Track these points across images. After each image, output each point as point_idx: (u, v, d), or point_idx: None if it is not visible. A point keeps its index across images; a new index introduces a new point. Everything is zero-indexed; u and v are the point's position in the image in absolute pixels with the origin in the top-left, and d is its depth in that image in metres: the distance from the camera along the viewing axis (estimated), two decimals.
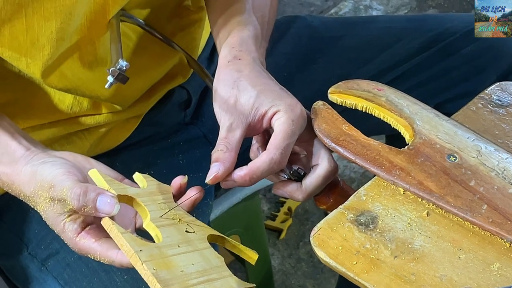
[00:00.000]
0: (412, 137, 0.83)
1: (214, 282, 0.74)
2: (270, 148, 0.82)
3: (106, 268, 0.91)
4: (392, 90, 0.89)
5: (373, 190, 0.80)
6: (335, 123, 0.85)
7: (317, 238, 0.76)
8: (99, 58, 0.93)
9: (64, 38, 0.86)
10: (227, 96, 0.84)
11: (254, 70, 0.87)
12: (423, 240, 0.75)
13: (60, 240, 0.94)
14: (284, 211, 1.87)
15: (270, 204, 1.91)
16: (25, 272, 0.97)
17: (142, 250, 0.73)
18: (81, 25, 0.87)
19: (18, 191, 0.83)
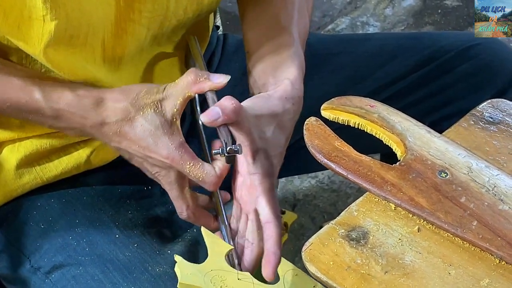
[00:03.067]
0: (404, 153, 0.84)
1: None
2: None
3: (112, 280, 0.91)
4: (384, 106, 0.89)
5: (365, 206, 0.81)
6: (327, 139, 0.86)
7: (308, 253, 0.76)
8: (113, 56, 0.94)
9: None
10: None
11: (287, 127, 0.94)
12: (414, 255, 0.75)
13: (63, 253, 0.95)
14: None
15: None
16: (27, 285, 0.98)
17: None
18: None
19: (106, 109, 0.88)
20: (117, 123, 0.87)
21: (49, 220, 0.98)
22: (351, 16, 2.68)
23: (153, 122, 0.86)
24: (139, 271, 0.92)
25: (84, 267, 0.93)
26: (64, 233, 0.96)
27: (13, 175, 0.98)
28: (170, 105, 0.87)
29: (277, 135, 0.90)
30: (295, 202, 1.95)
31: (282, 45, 0.98)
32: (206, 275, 0.87)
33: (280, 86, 0.93)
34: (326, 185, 1.99)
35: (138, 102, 0.87)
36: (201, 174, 0.87)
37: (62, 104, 0.88)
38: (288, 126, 0.92)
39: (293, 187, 1.99)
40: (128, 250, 0.94)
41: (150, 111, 0.86)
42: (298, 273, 0.90)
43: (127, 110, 0.87)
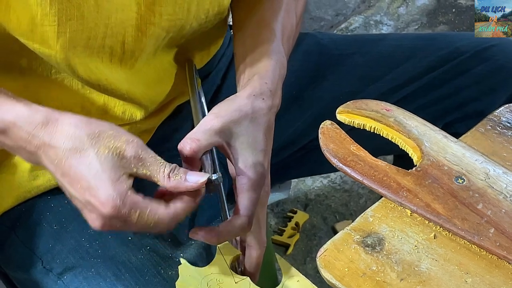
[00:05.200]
0: (420, 158, 0.83)
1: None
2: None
3: (124, 282, 0.91)
4: (400, 110, 0.89)
5: (380, 212, 0.80)
6: (343, 143, 0.85)
7: (323, 260, 0.76)
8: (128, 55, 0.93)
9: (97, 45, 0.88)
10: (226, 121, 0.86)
11: (261, 123, 0.88)
12: (430, 263, 0.74)
13: (76, 254, 0.94)
14: (291, 226, 1.87)
15: (277, 219, 1.91)
16: (39, 286, 0.97)
17: None
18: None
19: (57, 130, 0.78)
20: (65, 151, 0.76)
21: (62, 221, 0.97)
22: (364, 15, 2.67)
23: (104, 163, 0.76)
24: (151, 274, 0.92)
25: (96, 269, 0.93)
26: (76, 235, 0.96)
27: (27, 176, 0.98)
28: (131, 163, 0.77)
29: (252, 134, 0.88)
30: (307, 202, 1.95)
31: (262, 41, 0.97)
32: (204, 278, 0.88)
33: (248, 83, 0.91)
34: (338, 185, 1.98)
35: (97, 138, 0.77)
36: (152, 220, 0.76)
37: (11, 115, 0.79)
38: (262, 122, 0.89)
39: (305, 187, 1.98)
40: (140, 252, 0.94)
41: (107, 153, 0.76)
42: (300, 279, 0.90)
43: (81, 141, 0.77)
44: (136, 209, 0.76)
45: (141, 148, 0.78)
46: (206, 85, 1.12)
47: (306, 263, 1.78)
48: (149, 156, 0.78)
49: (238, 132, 0.86)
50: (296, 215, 1.89)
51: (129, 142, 0.77)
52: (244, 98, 0.89)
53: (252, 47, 0.97)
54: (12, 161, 0.98)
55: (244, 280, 0.88)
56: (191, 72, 1.04)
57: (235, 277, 0.89)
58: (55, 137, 0.77)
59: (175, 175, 0.78)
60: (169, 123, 1.09)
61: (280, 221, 1.90)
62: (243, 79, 0.95)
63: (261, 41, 0.97)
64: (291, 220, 1.89)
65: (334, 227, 1.87)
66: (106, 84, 0.93)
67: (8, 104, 0.80)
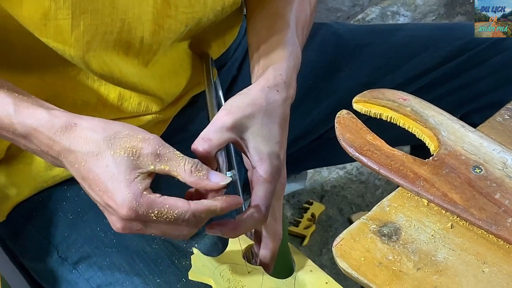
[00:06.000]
0: (437, 148, 0.83)
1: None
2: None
3: (139, 272, 0.91)
4: (417, 100, 0.88)
5: (397, 201, 0.79)
6: (359, 132, 0.85)
7: (339, 249, 0.75)
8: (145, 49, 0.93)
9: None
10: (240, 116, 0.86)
11: (276, 116, 0.88)
12: (447, 252, 0.74)
13: (91, 244, 0.95)
14: (307, 217, 1.87)
15: (293, 210, 1.90)
16: (55, 275, 0.98)
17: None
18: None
19: (76, 135, 0.79)
20: (83, 155, 0.78)
21: (78, 211, 0.97)
22: (381, 6, 2.66)
23: (119, 165, 0.76)
24: (165, 264, 0.92)
25: (111, 259, 0.93)
26: (92, 224, 0.96)
27: (44, 167, 0.98)
28: (148, 160, 0.77)
29: (267, 127, 0.87)
30: (323, 193, 1.94)
31: (276, 32, 0.97)
32: (217, 267, 0.88)
33: (262, 75, 0.91)
34: (354, 176, 1.98)
35: (114, 140, 0.77)
36: (172, 215, 0.76)
37: (32, 120, 0.80)
38: (277, 114, 0.88)
39: (321, 178, 1.98)
40: (155, 242, 0.94)
41: (123, 154, 0.77)
42: (313, 269, 0.90)
43: (98, 144, 0.77)
44: (154, 208, 0.75)
45: (159, 144, 0.78)
46: (222, 76, 1.12)
47: (322, 254, 1.77)
48: (168, 151, 0.78)
49: (252, 126, 0.86)
50: (312, 206, 1.89)
51: (145, 139, 0.78)
52: (258, 91, 0.88)
53: (266, 38, 0.97)
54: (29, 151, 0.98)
55: (257, 270, 0.88)
56: (207, 64, 1.04)
57: (248, 267, 0.89)
58: (74, 142, 0.78)
59: (197, 171, 0.78)
60: (184, 113, 1.09)
61: (296, 212, 1.90)
62: (257, 70, 0.94)
63: (275, 31, 0.97)
64: (307, 211, 1.88)
65: (350, 219, 1.86)
66: (120, 77, 0.93)
67: (30, 109, 0.81)
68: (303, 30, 1.02)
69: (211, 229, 0.83)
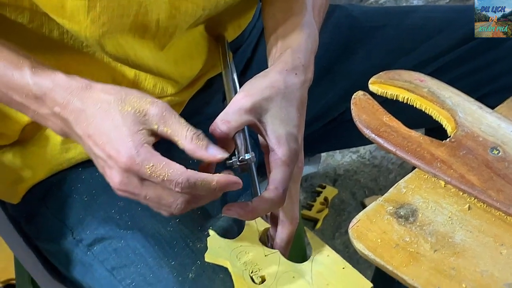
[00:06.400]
0: (454, 129, 0.82)
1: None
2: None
3: (153, 254, 0.91)
4: (434, 81, 0.87)
5: (414, 183, 0.79)
6: (375, 114, 0.84)
7: (355, 230, 0.75)
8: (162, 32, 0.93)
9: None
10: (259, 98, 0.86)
11: (294, 99, 0.88)
12: (464, 234, 0.74)
13: (106, 226, 0.95)
14: (320, 201, 1.86)
15: (306, 194, 1.90)
16: (69, 257, 0.98)
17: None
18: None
19: (91, 95, 0.80)
20: (94, 113, 0.79)
21: (93, 193, 0.97)
22: None
23: (125, 118, 0.78)
24: (180, 246, 0.92)
25: (125, 241, 0.93)
26: (106, 206, 0.96)
27: (59, 149, 0.98)
28: (154, 120, 0.79)
29: (285, 110, 0.87)
30: (336, 177, 1.94)
31: (293, 14, 0.96)
32: (233, 250, 0.88)
33: (280, 58, 0.91)
34: (367, 160, 1.97)
35: (124, 100, 0.79)
36: (166, 173, 0.76)
37: (49, 81, 0.81)
38: (296, 97, 0.88)
39: (334, 162, 1.97)
40: (169, 225, 0.94)
41: (130, 109, 0.78)
42: (329, 253, 0.89)
43: (109, 102, 0.79)
44: (150, 161, 0.76)
45: (165, 109, 0.79)
46: (237, 58, 1.12)
47: (334, 238, 1.77)
48: (173, 116, 0.79)
49: (270, 109, 0.85)
50: (325, 190, 1.89)
51: (153, 102, 0.79)
52: (276, 74, 0.88)
53: (283, 20, 0.96)
54: (44, 134, 0.98)
55: (274, 253, 0.88)
56: (224, 46, 1.03)
57: (265, 250, 0.89)
58: (87, 101, 0.80)
59: (198, 139, 0.78)
60: (200, 96, 1.09)
61: (309, 196, 1.89)
62: (274, 52, 0.94)
63: (292, 14, 0.96)
64: (320, 195, 1.88)
65: (363, 202, 1.86)
66: (135, 60, 0.93)
67: (47, 71, 0.82)
68: (319, 13, 1.01)
69: (228, 210, 0.83)
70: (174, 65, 0.99)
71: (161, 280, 0.89)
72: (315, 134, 1.21)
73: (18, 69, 0.83)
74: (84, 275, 0.97)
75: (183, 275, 0.89)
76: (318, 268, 0.87)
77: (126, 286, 0.91)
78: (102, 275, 0.94)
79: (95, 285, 0.95)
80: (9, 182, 1.01)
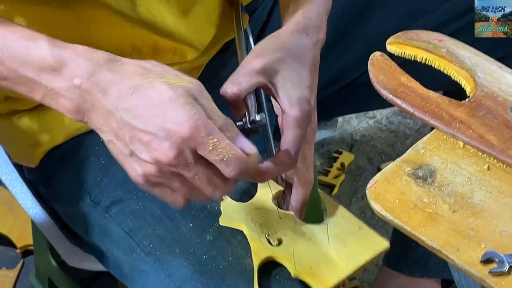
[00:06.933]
0: (473, 89, 0.81)
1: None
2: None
3: (171, 216, 0.91)
4: (453, 41, 0.86)
5: (432, 144, 0.78)
6: (393, 74, 0.83)
7: (373, 191, 0.75)
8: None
9: None
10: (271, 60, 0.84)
11: (306, 60, 0.87)
12: (483, 195, 0.73)
13: (123, 188, 0.94)
14: (337, 167, 1.86)
15: (323, 159, 1.90)
16: (87, 219, 0.98)
17: None
18: None
19: (121, 64, 0.75)
20: (132, 85, 0.73)
21: (110, 156, 0.96)
22: None
23: (177, 90, 0.72)
24: (197, 208, 0.92)
25: (143, 203, 0.93)
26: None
27: None
28: (199, 97, 0.74)
29: (297, 71, 0.86)
30: (352, 143, 1.93)
31: None
32: (248, 213, 0.88)
33: (291, 19, 0.90)
34: (384, 125, 1.96)
35: (162, 74, 0.74)
36: (227, 153, 0.72)
37: (70, 51, 0.76)
38: (308, 58, 0.87)
39: (351, 127, 1.96)
40: None
41: (175, 82, 0.73)
42: (345, 214, 0.89)
43: (148, 76, 0.73)
44: (214, 136, 0.71)
45: (202, 87, 0.75)
46: (252, 22, 1.11)
47: (351, 204, 1.77)
48: (207, 96, 0.75)
49: (281, 70, 0.85)
50: (341, 156, 1.88)
51: (191, 81, 0.75)
52: (287, 35, 0.87)
53: None
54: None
55: (289, 215, 0.88)
56: (237, 10, 1.02)
57: (280, 212, 0.88)
58: (119, 73, 0.74)
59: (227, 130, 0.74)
60: (217, 60, 1.08)
61: (325, 162, 1.89)
62: (286, 14, 0.93)
63: None
64: (336, 160, 1.88)
65: (380, 168, 1.85)
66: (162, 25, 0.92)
67: (67, 44, 0.77)
68: None
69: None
70: (194, 30, 0.98)
71: (178, 242, 0.89)
72: (331, 97, 1.20)
73: (34, 41, 0.77)
74: (102, 238, 0.97)
75: (201, 237, 0.89)
76: (334, 230, 0.87)
77: (143, 248, 0.91)
78: (119, 237, 0.94)
79: (113, 248, 0.96)
80: (27, 146, 1.01)
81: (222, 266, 0.87)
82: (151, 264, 0.90)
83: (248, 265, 0.86)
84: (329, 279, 0.83)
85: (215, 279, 0.86)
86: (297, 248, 0.85)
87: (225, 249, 0.88)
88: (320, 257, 0.85)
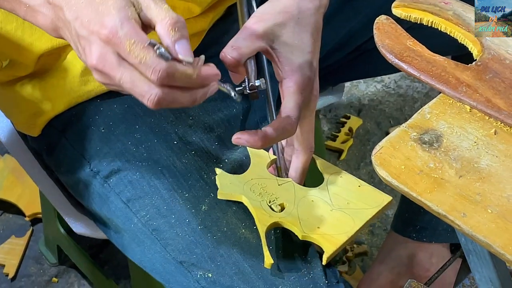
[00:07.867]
0: (480, 52, 0.80)
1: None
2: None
3: (168, 187, 0.91)
4: (460, 3, 0.85)
5: (438, 108, 0.77)
6: (399, 38, 0.82)
7: (378, 157, 0.74)
8: None
9: None
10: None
11: (308, 24, 0.86)
12: (490, 159, 0.72)
13: (122, 157, 0.94)
14: (344, 132, 1.85)
15: (330, 125, 1.89)
16: (87, 189, 0.98)
17: None
18: None
19: None
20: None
21: (110, 125, 0.97)
22: None
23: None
24: (194, 179, 0.91)
25: (141, 173, 0.93)
26: (123, 138, 0.96)
27: (78, 82, 0.98)
28: (143, 2, 0.72)
29: (299, 36, 0.85)
30: (360, 107, 1.92)
31: None
32: (246, 184, 0.88)
33: None
34: (392, 89, 1.95)
35: None
36: (144, 56, 0.69)
37: None
38: (310, 22, 0.86)
39: (359, 92, 1.95)
40: (185, 157, 0.93)
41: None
42: (342, 174, 0.89)
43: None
44: (132, 37, 0.69)
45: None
46: None
47: (360, 168, 1.77)
48: (159, 1, 0.72)
49: (283, 35, 0.84)
50: (349, 121, 1.87)
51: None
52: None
53: None
54: (63, 65, 0.97)
55: (287, 182, 0.88)
56: None
57: (278, 180, 0.88)
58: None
59: (173, 30, 0.71)
60: (219, 25, 1.07)
61: (333, 127, 1.88)
62: None
63: None
64: (344, 125, 1.87)
65: (388, 132, 1.85)
66: None
67: None
68: None
69: (238, 138, 0.82)
70: None
71: (174, 212, 0.89)
72: (338, 63, 1.19)
73: None
74: (101, 207, 0.97)
75: (196, 207, 0.89)
76: (335, 190, 0.87)
77: (140, 218, 0.92)
78: (118, 207, 0.94)
79: (112, 217, 0.96)
80: (29, 114, 1.01)
81: (216, 237, 0.87)
82: (148, 235, 0.91)
83: (243, 235, 0.86)
84: (338, 237, 0.83)
85: (210, 249, 0.86)
86: (301, 211, 0.85)
87: (220, 219, 0.88)
88: (326, 217, 0.84)
